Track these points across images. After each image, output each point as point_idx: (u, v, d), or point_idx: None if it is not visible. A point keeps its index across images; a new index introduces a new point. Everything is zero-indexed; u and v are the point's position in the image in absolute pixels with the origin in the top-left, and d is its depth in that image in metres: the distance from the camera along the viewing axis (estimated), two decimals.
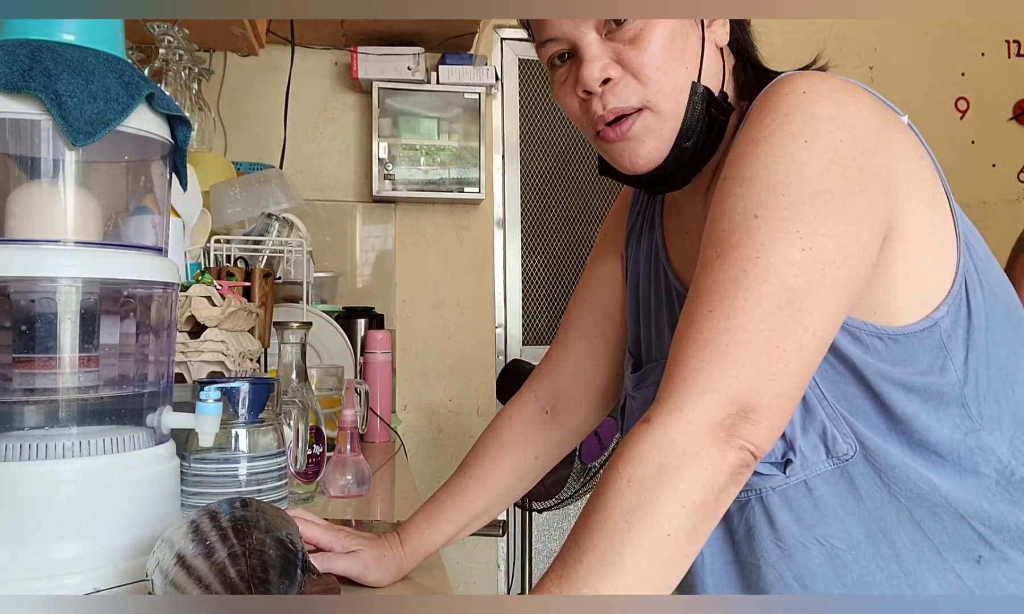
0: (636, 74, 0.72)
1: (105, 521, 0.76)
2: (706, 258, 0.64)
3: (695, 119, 0.74)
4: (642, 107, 0.73)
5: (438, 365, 2.60)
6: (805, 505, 0.71)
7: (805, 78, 0.68)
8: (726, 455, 0.57)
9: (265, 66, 2.43)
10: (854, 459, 0.69)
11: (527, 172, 2.72)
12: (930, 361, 0.69)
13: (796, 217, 0.62)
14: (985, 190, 2.88)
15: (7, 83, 0.71)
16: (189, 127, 0.86)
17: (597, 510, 0.57)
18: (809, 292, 0.61)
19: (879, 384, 0.68)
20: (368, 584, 0.83)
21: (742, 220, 0.63)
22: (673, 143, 0.74)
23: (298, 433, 1.13)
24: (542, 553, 2.66)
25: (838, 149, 0.64)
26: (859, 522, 0.71)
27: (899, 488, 0.69)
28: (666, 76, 0.72)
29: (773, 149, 0.64)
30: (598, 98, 0.73)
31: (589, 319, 0.96)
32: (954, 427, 0.69)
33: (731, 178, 0.66)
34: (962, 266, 0.70)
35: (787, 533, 0.72)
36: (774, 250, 0.61)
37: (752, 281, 0.60)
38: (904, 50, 2.86)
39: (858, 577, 0.71)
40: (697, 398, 0.58)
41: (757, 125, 0.67)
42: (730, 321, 0.60)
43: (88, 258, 0.77)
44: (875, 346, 0.68)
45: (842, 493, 0.70)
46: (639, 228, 0.92)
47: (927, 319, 0.68)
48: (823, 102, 0.66)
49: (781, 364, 0.59)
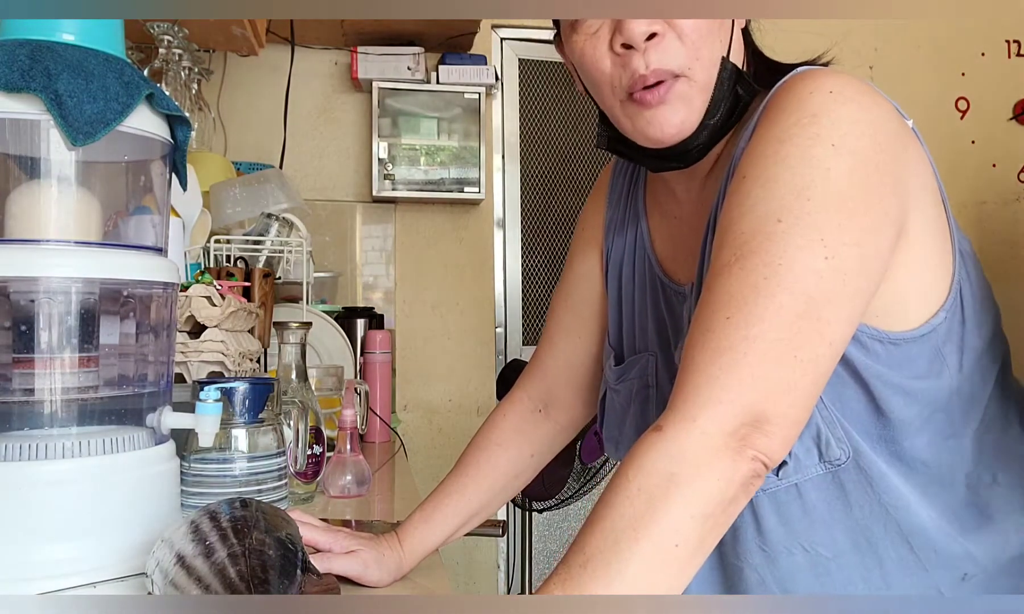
0: (681, 34, 0.69)
1: (105, 521, 0.76)
2: (724, 261, 0.62)
3: (723, 94, 0.72)
4: (679, 74, 0.70)
5: (438, 365, 2.60)
6: (794, 509, 0.70)
7: (829, 76, 0.66)
8: (738, 466, 0.56)
9: (265, 66, 2.43)
10: (846, 465, 0.68)
11: (527, 172, 2.72)
12: (926, 367, 0.69)
13: (821, 224, 0.60)
14: (985, 190, 2.88)
15: (7, 83, 0.71)
16: (189, 127, 0.86)
17: (604, 516, 0.55)
18: (829, 301, 0.59)
19: (877, 388, 0.68)
20: (368, 584, 0.83)
21: (764, 224, 0.61)
22: (702, 117, 0.72)
23: (298, 433, 1.13)
24: (542, 553, 2.66)
25: (863, 155, 0.63)
26: (846, 531, 0.70)
27: (889, 498, 0.69)
28: (706, 44, 0.70)
29: (799, 151, 0.63)
30: (640, 55, 0.69)
31: (572, 318, 0.95)
32: (936, 432, 0.69)
33: (752, 177, 0.64)
34: (957, 274, 0.70)
35: (773, 536, 0.71)
36: (797, 257, 0.59)
37: (773, 289, 0.59)
38: (904, 50, 2.86)
39: (840, 586, 0.71)
40: (711, 408, 0.57)
41: (781, 123, 0.65)
42: (749, 329, 0.58)
43: (88, 258, 0.77)
44: (876, 350, 0.67)
45: (832, 499, 0.70)
46: (621, 218, 0.90)
47: (926, 325, 0.68)
48: (849, 104, 0.64)
49: (797, 374, 0.58)
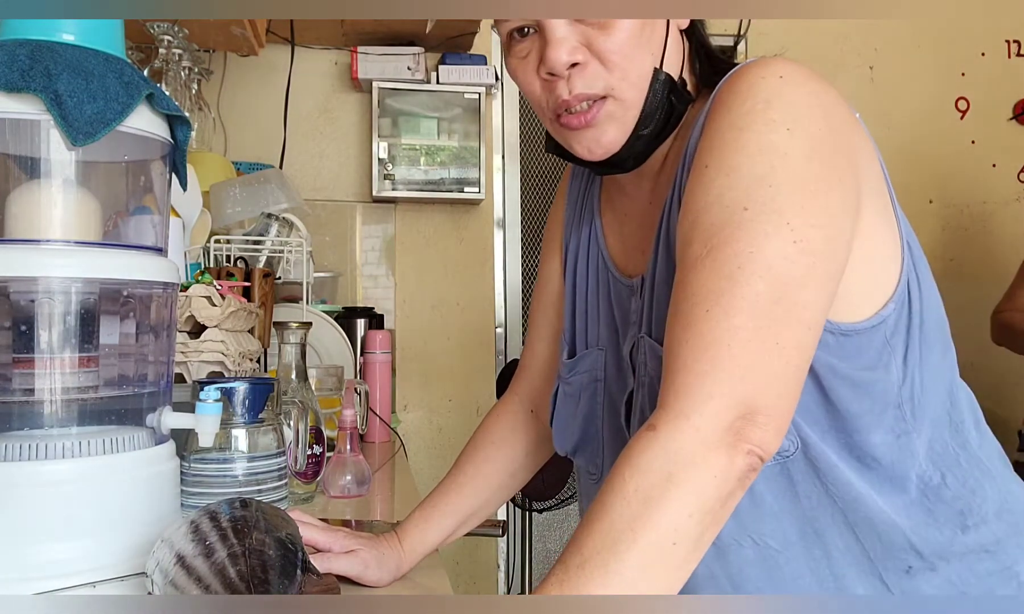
0: (604, 60, 0.70)
1: (105, 521, 0.76)
2: (695, 254, 0.62)
3: (655, 106, 0.72)
4: (606, 95, 0.71)
5: (438, 365, 2.60)
6: (743, 502, 0.69)
7: (778, 63, 0.66)
8: (734, 460, 0.56)
9: (265, 66, 2.43)
10: (794, 456, 0.68)
11: (527, 172, 2.72)
12: (875, 358, 0.69)
13: (785, 209, 0.61)
14: (985, 190, 2.88)
15: (7, 83, 0.71)
16: (189, 127, 0.86)
17: (601, 517, 0.55)
18: (803, 285, 0.60)
19: (828, 379, 0.68)
20: (368, 584, 0.83)
21: (731, 214, 0.61)
22: (632, 130, 0.73)
23: (298, 433, 1.13)
24: (542, 553, 2.66)
25: (818, 137, 0.63)
26: (794, 521, 0.70)
27: (836, 490, 0.69)
28: (632, 64, 0.71)
29: (757, 138, 0.63)
30: (564, 81, 0.71)
31: (544, 320, 0.96)
32: (888, 429, 0.69)
33: (714, 167, 0.64)
34: (905, 266, 0.70)
35: (723, 530, 0.71)
36: (767, 244, 0.60)
37: (748, 277, 0.59)
38: (904, 50, 2.86)
39: (789, 579, 0.71)
40: (703, 404, 0.57)
41: (735, 109, 0.65)
42: (730, 320, 0.58)
43: (88, 258, 0.77)
44: (827, 340, 0.67)
45: (780, 491, 0.70)
46: (578, 216, 0.90)
47: (875, 316, 0.68)
48: (800, 89, 0.65)
49: (783, 362, 0.59)
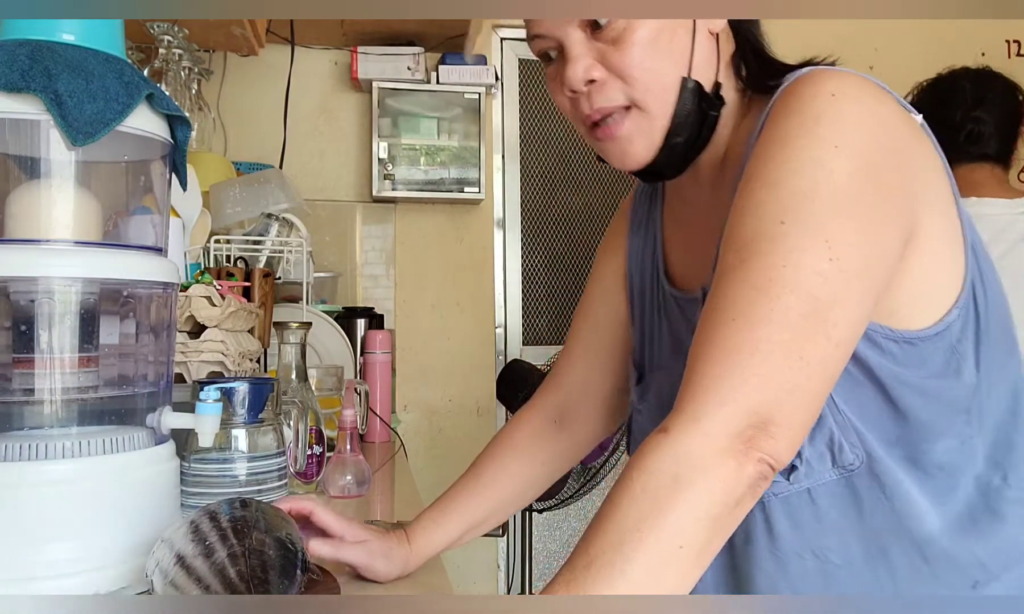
0: (622, 76, 0.71)
1: (105, 521, 0.76)
2: (727, 263, 0.62)
3: (685, 114, 0.72)
4: (629, 105, 0.72)
5: (438, 365, 2.60)
6: (806, 514, 0.70)
7: (832, 78, 0.66)
8: (743, 467, 0.56)
9: (265, 66, 2.43)
10: (859, 471, 0.68)
11: (527, 172, 2.72)
12: (942, 365, 0.68)
13: (824, 225, 0.60)
14: None
15: (7, 83, 0.71)
16: (189, 127, 0.86)
17: (609, 517, 0.55)
18: (834, 302, 0.59)
19: (895, 388, 0.67)
20: (372, 576, 0.83)
21: (767, 226, 0.61)
22: (663, 140, 0.73)
23: (298, 433, 1.13)
24: (542, 553, 2.66)
25: (866, 154, 0.63)
26: (859, 538, 0.70)
27: (902, 506, 0.68)
28: (653, 75, 0.71)
29: (801, 153, 0.63)
30: (584, 97, 0.73)
31: (592, 335, 0.95)
32: (955, 434, 0.69)
33: (756, 179, 0.64)
34: (970, 271, 0.70)
35: (784, 541, 0.71)
36: (801, 259, 0.59)
37: (778, 290, 0.59)
38: (904, 50, 2.86)
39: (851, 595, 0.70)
40: (716, 409, 0.57)
41: (784, 126, 0.65)
42: (755, 331, 0.58)
43: (88, 258, 0.77)
44: (891, 350, 0.67)
45: (845, 506, 0.69)
46: (643, 234, 0.91)
47: (940, 323, 0.68)
48: (851, 105, 0.64)
49: (804, 376, 0.58)
